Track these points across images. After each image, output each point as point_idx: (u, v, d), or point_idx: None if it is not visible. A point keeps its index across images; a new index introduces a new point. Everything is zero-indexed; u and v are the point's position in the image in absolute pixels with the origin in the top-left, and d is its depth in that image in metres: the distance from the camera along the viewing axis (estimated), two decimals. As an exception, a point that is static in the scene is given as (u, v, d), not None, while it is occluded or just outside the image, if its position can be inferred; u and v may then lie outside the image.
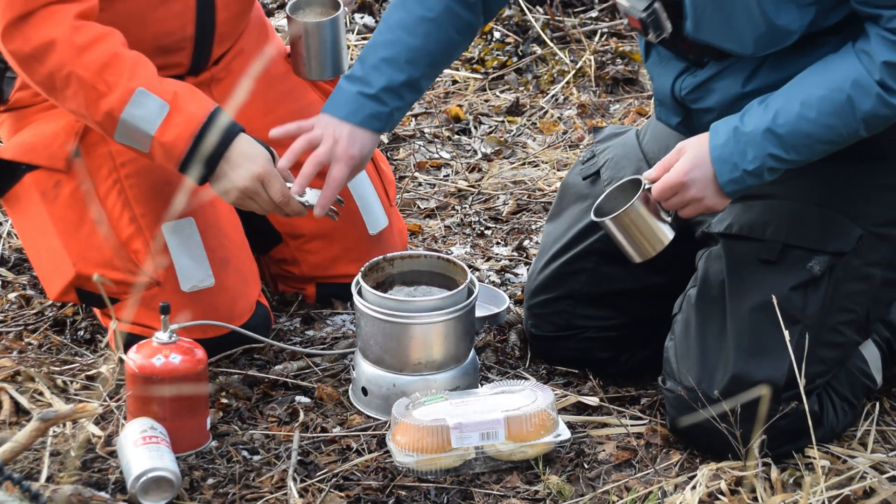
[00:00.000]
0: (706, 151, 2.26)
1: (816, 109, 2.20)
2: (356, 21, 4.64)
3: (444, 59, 2.60)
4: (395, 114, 2.53)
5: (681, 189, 2.28)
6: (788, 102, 2.22)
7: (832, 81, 2.20)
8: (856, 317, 2.38)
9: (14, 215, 2.75)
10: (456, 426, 2.33)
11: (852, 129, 2.21)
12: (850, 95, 2.18)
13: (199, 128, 2.46)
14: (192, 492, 2.31)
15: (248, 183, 2.48)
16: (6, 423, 2.49)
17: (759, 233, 2.37)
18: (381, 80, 2.50)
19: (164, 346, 2.37)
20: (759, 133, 2.22)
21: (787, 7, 2.21)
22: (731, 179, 2.25)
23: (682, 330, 2.41)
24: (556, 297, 2.67)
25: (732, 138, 2.24)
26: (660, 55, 2.46)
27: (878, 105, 2.18)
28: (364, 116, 2.50)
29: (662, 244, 2.36)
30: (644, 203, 2.33)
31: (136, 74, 2.45)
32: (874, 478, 2.31)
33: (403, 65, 2.50)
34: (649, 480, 2.35)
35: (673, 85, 2.43)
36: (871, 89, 2.17)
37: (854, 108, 2.19)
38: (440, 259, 2.63)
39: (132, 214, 2.61)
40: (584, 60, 4.38)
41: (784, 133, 2.21)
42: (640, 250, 2.37)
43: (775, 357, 2.30)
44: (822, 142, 2.23)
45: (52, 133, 2.65)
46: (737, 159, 2.24)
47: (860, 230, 2.34)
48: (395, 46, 2.51)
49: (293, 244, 2.91)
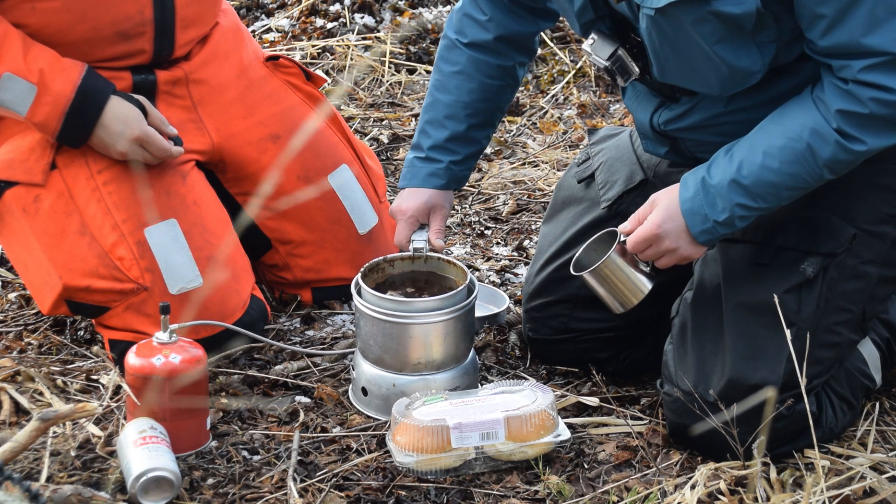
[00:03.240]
0: (677, 204, 2.29)
1: (778, 159, 2.21)
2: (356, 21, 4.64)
3: (488, 106, 2.65)
4: (452, 167, 2.64)
5: (655, 241, 2.31)
6: (751, 152, 2.24)
7: (791, 131, 2.21)
8: (852, 316, 2.38)
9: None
10: (456, 426, 2.33)
11: (816, 174, 2.22)
12: (810, 144, 2.19)
13: (67, 105, 2.57)
14: (192, 492, 2.31)
15: (126, 147, 2.61)
16: (6, 423, 2.49)
17: (752, 236, 2.38)
18: (428, 142, 2.65)
19: (164, 346, 2.37)
20: (725, 184, 2.24)
21: (747, 49, 2.21)
22: (703, 230, 2.28)
23: (679, 334, 2.42)
24: (553, 300, 2.67)
25: (701, 190, 2.27)
26: (636, 91, 2.49)
27: (838, 151, 2.19)
28: (422, 178, 2.65)
29: (642, 294, 2.41)
30: (620, 255, 2.38)
31: (2, 58, 2.52)
32: (874, 478, 2.31)
33: (444, 121, 2.64)
34: (649, 480, 2.35)
35: (651, 119, 2.45)
36: (830, 137, 2.18)
37: (815, 156, 2.20)
38: (440, 260, 2.63)
39: (113, 222, 2.61)
40: (584, 60, 4.38)
41: (749, 184, 2.23)
42: (621, 301, 2.42)
43: (771, 360, 2.31)
44: (787, 188, 2.24)
45: (28, 147, 2.65)
46: (707, 211, 2.26)
47: (853, 229, 2.34)
48: (434, 108, 2.66)
49: (283, 250, 2.91)
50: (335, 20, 4.71)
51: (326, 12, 4.75)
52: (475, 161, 2.70)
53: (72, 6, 2.55)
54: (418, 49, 4.55)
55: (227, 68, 2.85)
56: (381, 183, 3.03)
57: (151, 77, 2.72)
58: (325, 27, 4.67)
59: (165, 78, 2.74)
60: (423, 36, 4.60)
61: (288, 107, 2.92)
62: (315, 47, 4.51)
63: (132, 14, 2.62)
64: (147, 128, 2.62)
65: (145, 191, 2.65)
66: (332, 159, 2.93)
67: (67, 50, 2.60)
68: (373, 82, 4.37)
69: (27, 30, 2.57)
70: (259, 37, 4.67)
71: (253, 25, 4.76)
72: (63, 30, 2.59)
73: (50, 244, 2.63)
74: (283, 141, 2.88)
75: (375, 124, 4.08)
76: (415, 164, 2.66)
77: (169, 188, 2.68)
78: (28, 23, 2.57)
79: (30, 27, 2.58)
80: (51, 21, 2.58)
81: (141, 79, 2.71)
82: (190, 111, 2.78)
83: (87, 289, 2.61)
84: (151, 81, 2.72)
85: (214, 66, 2.81)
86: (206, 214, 2.72)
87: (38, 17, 2.57)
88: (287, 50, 4.51)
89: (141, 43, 2.67)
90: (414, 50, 4.54)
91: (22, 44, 2.54)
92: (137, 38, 2.66)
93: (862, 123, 2.16)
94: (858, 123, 2.16)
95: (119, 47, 2.65)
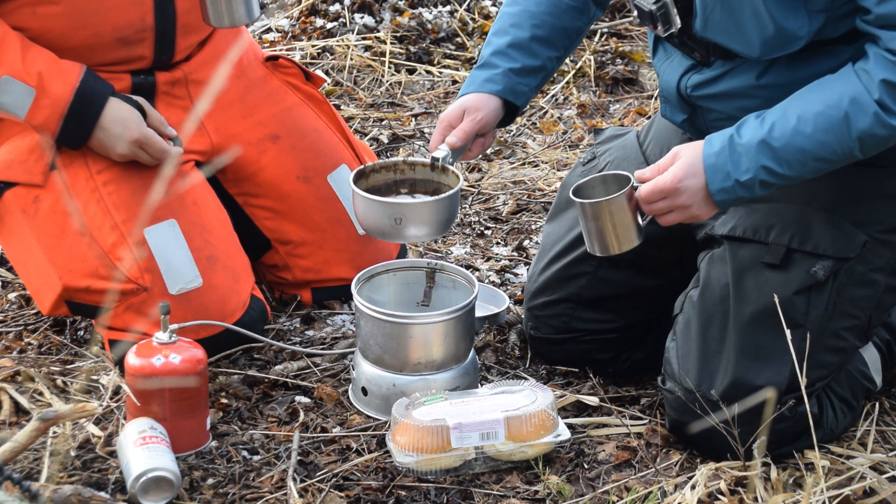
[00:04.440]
0: (700, 160, 2.25)
1: (812, 125, 2.18)
2: (356, 21, 4.64)
3: (555, 21, 2.58)
4: (510, 74, 2.55)
5: (671, 194, 2.27)
6: (785, 116, 2.20)
7: (830, 98, 2.18)
8: (858, 322, 2.38)
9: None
10: (456, 426, 2.33)
11: (847, 147, 2.19)
12: (848, 112, 2.16)
13: (66, 108, 2.57)
14: (192, 492, 2.31)
15: (125, 150, 2.62)
16: (6, 423, 2.49)
17: (763, 236, 2.36)
18: (489, 49, 2.59)
19: (164, 346, 2.37)
20: (755, 144, 2.21)
21: (797, 12, 2.20)
22: (722, 189, 2.24)
23: (683, 331, 2.41)
24: (556, 300, 2.67)
25: (728, 147, 2.23)
26: (667, 51, 2.45)
27: (875, 124, 2.16)
28: (478, 83, 2.57)
29: (630, 245, 2.33)
30: (627, 199, 2.30)
31: (1, 61, 2.53)
32: (874, 478, 2.31)
33: (508, 28, 2.59)
34: (649, 480, 2.35)
35: (679, 81, 2.42)
36: (869, 108, 2.15)
37: (850, 126, 2.17)
38: (450, 172, 2.55)
39: (113, 222, 2.61)
40: (584, 60, 4.38)
41: (779, 146, 2.20)
42: (606, 244, 2.34)
43: (777, 362, 2.30)
44: (816, 158, 2.20)
45: (27, 148, 2.65)
46: (730, 169, 2.22)
47: (865, 236, 2.33)
48: (501, 20, 2.62)
49: (283, 250, 2.91)
50: (335, 20, 4.71)
51: (326, 12, 4.75)
52: (536, 80, 2.59)
53: (73, 11, 2.55)
54: (418, 49, 4.55)
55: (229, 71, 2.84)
56: (381, 183, 3.04)
57: (151, 78, 2.72)
58: (324, 27, 4.67)
59: (165, 79, 2.74)
60: (423, 36, 4.60)
61: (287, 107, 2.92)
62: (315, 47, 4.51)
63: (133, 20, 2.63)
64: (146, 130, 2.62)
65: (145, 191, 2.65)
66: (331, 159, 2.93)
67: (68, 55, 2.60)
68: (373, 82, 4.37)
69: (28, 34, 2.57)
70: (259, 37, 4.67)
71: (252, 26, 4.76)
72: (64, 35, 2.59)
73: (49, 245, 2.63)
74: (283, 141, 2.88)
75: (375, 124, 4.08)
76: (472, 73, 2.59)
77: (168, 188, 2.68)
78: (28, 27, 2.58)
79: (30, 31, 2.58)
80: (51, 26, 2.58)
81: (140, 80, 2.71)
82: (189, 112, 2.78)
83: (87, 289, 2.61)
84: (151, 82, 2.72)
85: (214, 66, 2.81)
86: (205, 214, 2.72)
87: (38, 21, 2.57)
88: (287, 50, 4.51)
89: (141, 49, 2.67)
90: (414, 50, 4.54)
91: (21, 46, 2.54)
92: (138, 44, 2.66)
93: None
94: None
95: (120, 53, 2.65)
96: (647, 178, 2.29)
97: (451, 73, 4.39)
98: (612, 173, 2.38)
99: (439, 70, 4.46)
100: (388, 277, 2.67)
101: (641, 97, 4.26)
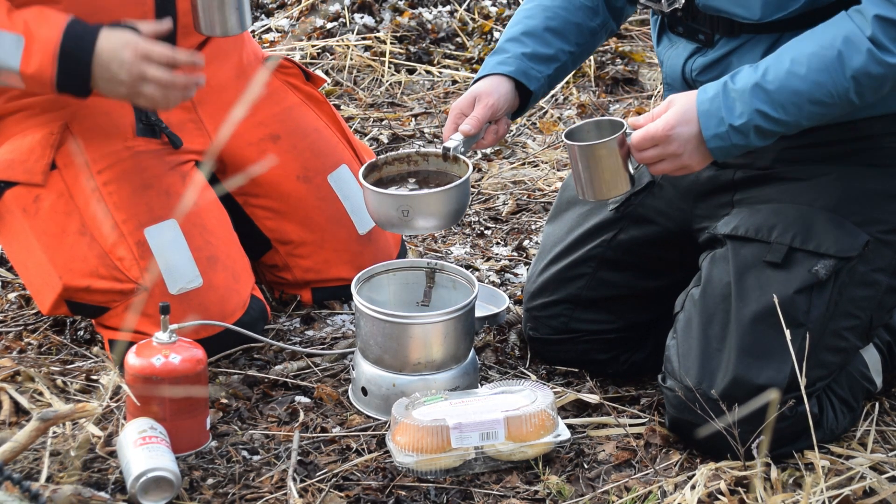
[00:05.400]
0: (694, 107, 2.24)
1: (806, 66, 2.17)
2: (356, 21, 4.64)
3: (568, 16, 2.59)
4: (522, 58, 2.55)
5: (663, 141, 2.26)
6: (779, 60, 2.20)
7: (823, 39, 2.18)
8: (860, 322, 2.38)
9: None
10: (456, 426, 2.33)
11: (842, 87, 2.17)
12: (841, 51, 2.16)
13: (57, 49, 2.48)
14: (192, 492, 2.31)
15: (134, 71, 2.49)
16: (6, 423, 2.49)
17: (765, 235, 2.36)
18: (502, 38, 2.60)
19: (164, 346, 2.37)
20: (748, 88, 2.20)
21: None
22: (717, 134, 2.22)
23: (684, 329, 2.41)
24: (555, 300, 2.67)
25: (721, 93, 2.22)
26: (671, 40, 2.46)
27: (869, 61, 2.15)
28: (490, 67, 2.56)
29: (619, 192, 2.34)
30: (619, 145, 2.30)
31: None
32: (874, 478, 2.31)
33: (522, 19, 2.60)
34: (649, 480, 2.35)
35: (684, 66, 2.43)
36: (862, 45, 2.15)
37: (844, 65, 2.16)
38: (462, 163, 2.54)
39: (113, 222, 2.61)
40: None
41: (773, 89, 2.19)
42: (594, 189, 2.34)
43: (777, 361, 2.30)
44: (811, 101, 2.19)
45: (28, 148, 2.65)
46: (724, 114, 2.21)
47: (867, 236, 2.33)
48: (515, 15, 2.64)
49: (283, 250, 2.91)
50: (335, 20, 4.71)
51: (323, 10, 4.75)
52: (548, 69, 2.58)
53: (74, 10, 2.54)
54: (418, 49, 4.55)
55: (227, 68, 2.85)
56: (380, 183, 3.03)
57: None
58: (324, 27, 4.67)
59: None
60: (423, 36, 4.60)
61: (287, 107, 2.92)
62: (315, 47, 4.51)
63: (134, 19, 2.62)
64: (141, 40, 2.52)
65: (146, 191, 2.65)
66: (331, 159, 2.93)
67: None
68: (373, 82, 4.37)
69: None
70: (259, 37, 4.67)
71: (252, 25, 4.76)
72: None
73: (50, 244, 2.63)
74: (283, 141, 2.88)
75: (375, 124, 4.08)
76: (485, 60, 2.59)
77: (169, 188, 2.68)
78: None
79: None
80: None
81: None
82: (189, 111, 2.78)
83: (87, 289, 2.61)
84: None
85: (214, 66, 2.81)
86: (205, 214, 2.72)
87: None
88: (287, 50, 4.51)
89: None
90: (414, 50, 4.54)
91: (6, 6, 2.50)
92: None
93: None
94: (893, 33, 2.13)
95: None
96: (640, 126, 2.29)
97: (451, 73, 4.39)
98: (606, 118, 2.39)
99: (439, 70, 4.46)
100: (388, 277, 2.67)
101: (641, 97, 4.26)
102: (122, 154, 2.67)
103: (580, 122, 2.39)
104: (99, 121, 2.68)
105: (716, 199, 2.48)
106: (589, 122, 2.39)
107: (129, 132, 2.70)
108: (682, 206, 2.54)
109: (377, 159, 2.56)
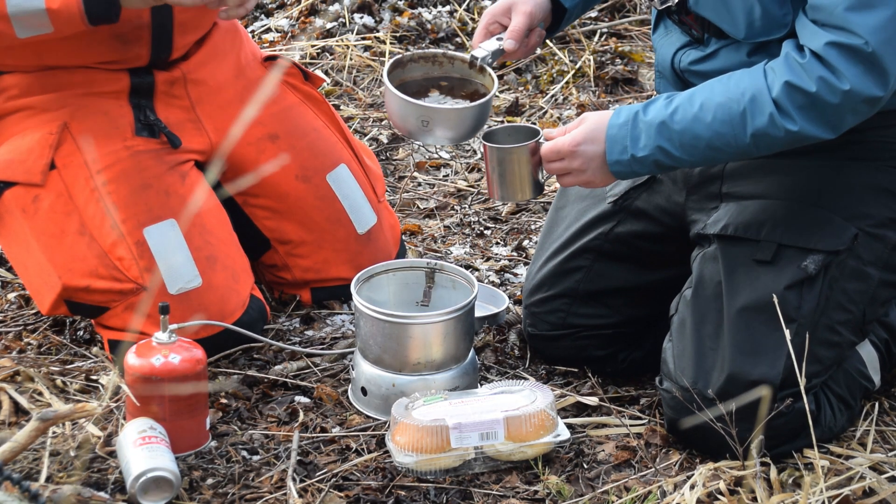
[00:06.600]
0: (604, 128, 2.30)
1: (712, 114, 2.23)
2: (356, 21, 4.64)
3: None
4: None
5: (568, 156, 2.32)
6: (690, 102, 2.25)
7: (733, 91, 2.22)
8: (852, 316, 2.39)
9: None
10: (455, 426, 2.34)
11: (741, 142, 2.23)
12: (746, 108, 2.21)
13: None
14: (192, 492, 2.31)
15: None
16: (6, 423, 2.49)
17: (753, 233, 2.38)
18: None
19: (164, 346, 2.37)
20: (655, 125, 2.26)
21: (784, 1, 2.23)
22: (618, 160, 2.29)
23: (678, 330, 2.42)
24: (553, 295, 2.67)
25: (630, 122, 2.28)
26: (667, 28, 2.49)
27: (769, 125, 2.20)
28: None
29: (524, 198, 2.43)
30: (530, 153, 2.37)
31: None
32: (873, 478, 2.31)
33: None
34: (648, 480, 2.35)
35: (673, 57, 2.45)
36: (766, 107, 2.19)
37: (746, 123, 2.21)
38: (484, 73, 2.51)
39: (112, 221, 2.61)
40: (584, 60, 4.38)
41: (678, 129, 2.25)
42: (502, 191, 2.42)
43: (771, 356, 2.31)
44: (710, 147, 2.25)
45: (27, 148, 2.65)
46: (628, 143, 2.28)
47: (855, 229, 2.34)
48: None
49: (282, 250, 2.91)
50: (334, 20, 4.71)
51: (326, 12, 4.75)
52: None
53: None
54: (418, 49, 4.55)
55: (225, 68, 2.85)
56: (380, 182, 3.04)
57: (149, 77, 2.72)
58: (324, 27, 4.67)
59: (164, 78, 2.73)
60: (423, 36, 4.60)
61: (286, 106, 2.92)
62: (314, 47, 4.51)
63: (130, 17, 2.62)
64: None
65: (145, 191, 2.65)
66: (330, 159, 2.93)
67: (64, 52, 2.60)
68: (372, 82, 4.37)
69: None
70: (258, 37, 4.67)
71: (252, 25, 4.76)
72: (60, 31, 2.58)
73: (49, 244, 2.63)
74: (282, 141, 2.88)
75: (375, 124, 4.08)
76: None
77: (168, 188, 2.68)
78: None
79: None
80: None
81: (139, 80, 2.71)
82: (188, 111, 2.78)
83: (87, 289, 2.61)
84: (150, 82, 2.72)
85: (212, 66, 2.81)
86: (205, 214, 2.72)
87: None
88: (286, 50, 4.51)
89: (138, 48, 2.67)
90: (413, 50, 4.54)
91: None
92: (135, 43, 2.66)
93: (802, 103, 2.17)
94: (799, 102, 2.17)
95: (116, 53, 2.64)
96: (552, 138, 2.35)
97: (451, 73, 4.39)
98: (524, 125, 2.46)
99: (439, 70, 4.45)
100: (388, 277, 2.67)
101: (641, 97, 4.26)
102: (122, 154, 2.67)
103: (498, 126, 2.45)
104: (98, 121, 2.68)
105: (705, 190, 2.49)
106: (509, 126, 2.46)
107: (128, 132, 2.70)
108: (677, 200, 2.54)
109: (403, 56, 2.53)
